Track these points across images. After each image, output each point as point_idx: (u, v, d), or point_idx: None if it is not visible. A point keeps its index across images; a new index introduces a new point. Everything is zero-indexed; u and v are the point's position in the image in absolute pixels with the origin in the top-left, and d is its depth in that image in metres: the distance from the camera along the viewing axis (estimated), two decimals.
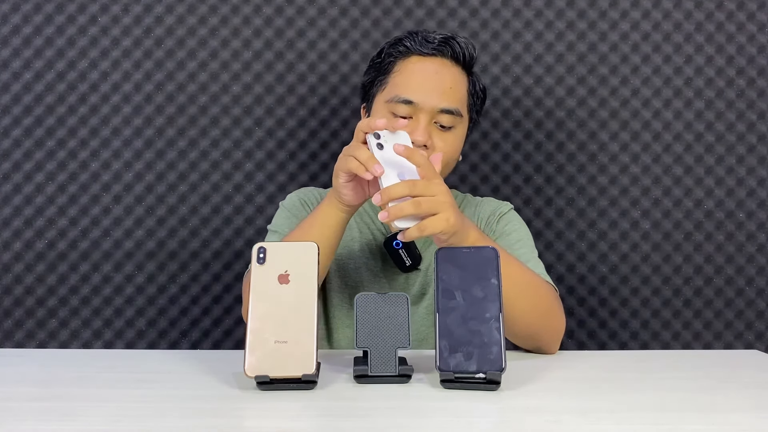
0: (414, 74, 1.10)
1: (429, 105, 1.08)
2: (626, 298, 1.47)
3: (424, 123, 1.08)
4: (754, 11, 1.47)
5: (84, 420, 0.66)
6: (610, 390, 0.79)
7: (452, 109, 1.09)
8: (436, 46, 1.11)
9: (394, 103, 1.09)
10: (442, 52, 1.11)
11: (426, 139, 1.07)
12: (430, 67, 1.10)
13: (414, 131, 1.06)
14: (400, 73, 1.11)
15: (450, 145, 1.10)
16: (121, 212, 1.43)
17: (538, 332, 1.00)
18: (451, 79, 1.11)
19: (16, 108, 1.42)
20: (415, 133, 1.06)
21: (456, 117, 1.10)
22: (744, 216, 1.48)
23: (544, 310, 1.00)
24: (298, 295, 0.78)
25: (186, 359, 0.93)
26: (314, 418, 0.67)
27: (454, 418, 0.67)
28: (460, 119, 1.11)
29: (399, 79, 1.11)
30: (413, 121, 1.08)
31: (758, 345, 1.47)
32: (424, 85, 1.09)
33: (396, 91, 1.09)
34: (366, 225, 1.17)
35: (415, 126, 1.07)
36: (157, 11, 1.43)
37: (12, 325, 1.42)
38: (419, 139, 1.06)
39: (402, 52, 1.12)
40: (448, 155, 1.10)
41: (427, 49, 1.11)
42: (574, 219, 1.47)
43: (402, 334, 0.78)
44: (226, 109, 1.44)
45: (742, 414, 0.70)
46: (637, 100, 1.47)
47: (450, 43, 1.11)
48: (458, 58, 1.12)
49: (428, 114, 1.08)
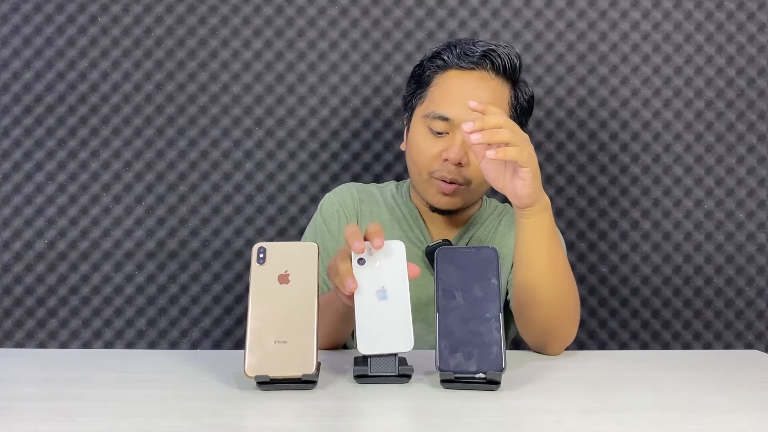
0: (451, 90, 1.08)
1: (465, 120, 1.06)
2: (626, 298, 1.47)
3: (460, 140, 1.06)
4: (754, 11, 1.47)
5: (84, 420, 0.66)
6: (610, 390, 0.79)
7: None
8: (475, 60, 1.08)
9: (431, 118, 1.08)
10: (482, 66, 1.08)
11: (461, 157, 1.06)
12: (468, 82, 1.08)
13: (449, 148, 1.06)
14: (437, 87, 1.10)
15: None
16: (121, 212, 1.43)
17: (553, 328, 0.98)
18: (490, 93, 1.08)
19: (16, 108, 1.42)
20: (450, 150, 1.06)
21: None
22: (744, 216, 1.48)
23: (570, 307, 0.99)
24: (298, 295, 0.78)
25: (186, 359, 0.93)
26: (314, 418, 0.67)
27: (454, 418, 0.67)
28: None
29: (436, 94, 1.09)
30: (449, 137, 1.08)
31: (758, 345, 1.47)
32: (461, 100, 1.05)
33: (433, 107, 1.08)
34: (405, 233, 1.16)
35: (451, 143, 1.07)
36: (157, 11, 1.43)
37: (12, 325, 1.42)
38: (453, 157, 1.05)
39: (440, 66, 1.10)
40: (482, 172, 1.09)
41: (465, 63, 1.08)
42: (574, 219, 1.47)
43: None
44: (226, 109, 1.44)
45: (742, 414, 0.70)
46: (637, 100, 1.47)
47: (490, 56, 1.08)
48: (499, 70, 1.09)
49: None
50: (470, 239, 1.17)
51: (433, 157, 1.08)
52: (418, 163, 1.11)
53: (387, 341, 0.77)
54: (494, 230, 1.18)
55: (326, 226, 1.16)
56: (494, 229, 1.18)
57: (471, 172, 1.08)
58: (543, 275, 0.95)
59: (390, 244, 0.81)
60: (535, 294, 0.95)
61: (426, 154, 1.09)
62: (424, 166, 1.10)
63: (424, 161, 1.09)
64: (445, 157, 1.07)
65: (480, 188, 1.12)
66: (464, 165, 1.07)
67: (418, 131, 1.11)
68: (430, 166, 1.09)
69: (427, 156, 1.09)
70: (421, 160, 1.10)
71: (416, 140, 1.11)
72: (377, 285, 0.80)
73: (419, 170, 1.11)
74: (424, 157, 1.09)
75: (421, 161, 1.10)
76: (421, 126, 1.10)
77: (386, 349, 0.77)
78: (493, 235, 1.18)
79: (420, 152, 1.10)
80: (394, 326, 0.78)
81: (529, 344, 1.03)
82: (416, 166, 1.11)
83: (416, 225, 1.17)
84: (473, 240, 1.17)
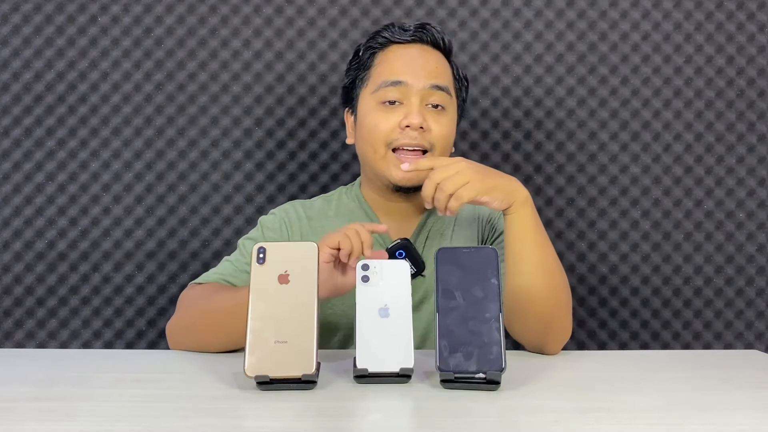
0: (398, 58, 1.10)
1: (419, 83, 1.07)
2: (626, 298, 1.47)
3: (417, 104, 1.06)
4: (754, 11, 1.47)
5: (84, 420, 0.66)
6: (610, 390, 0.79)
7: (442, 86, 1.08)
8: (414, 33, 1.11)
9: (383, 89, 1.07)
10: (420, 39, 1.11)
11: (421, 121, 1.05)
12: (412, 51, 1.10)
13: (408, 114, 1.05)
14: (381, 63, 1.10)
15: (445, 127, 1.09)
16: (121, 212, 1.43)
17: (550, 322, 0.98)
18: (436, 59, 1.11)
19: (16, 108, 1.42)
20: (410, 116, 1.05)
21: (447, 96, 1.09)
22: (744, 216, 1.48)
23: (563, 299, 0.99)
24: (298, 295, 0.78)
25: (186, 359, 0.93)
26: (314, 418, 0.67)
27: (454, 418, 0.67)
28: (450, 100, 1.10)
29: (383, 68, 1.10)
30: (405, 106, 1.07)
31: (758, 345, 1.47)
32: (411, 65, 1.08)
33: (383, 78, 1.08)
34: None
35: (408, 109, 1.06)
36: (157, 11, 1.43)
37: (12, 325, 1.42)
38: (414, 121, 1.05)
39: (381, 44, 1.12)
40: (444, 138, 1.09)
41: (405, 37, 1.11)
42: (574, 219, 1.47)
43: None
44: (226, 109, 1.44)
45: (742, 414, 0.70)
46: (637, 100, 1.47)
47: (427, 28, 1.11)
48: (437, 43, 1.12)
49: (419, 94, 1.07)
50: (428, 233, 1.14)
51: (390, 128, 1.07)
52: (374, 139, 1.08)
53: (387, 359, 0.77)
54: (454, 222, 1.16)
55: (263, 235, 1.14)
56: (453, 224, 1.16)
57: (434, 136, 1.07)
58: (534, 266, 0.96)
59: (395, 265, 0.82)
60: (530, 288, 0.96)
61: (381, 127, 1.07)
62: (380, 139, 1.07)
63: (381, 134, 1.07)
64: (405, 124, 1.06)
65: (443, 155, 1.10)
66: (426, 129, 1.06)
67: (369, 109, 1.09)
68: (387, 137, 1.07)
69: (383, 128, 1.07)
70: (377, 133, 1.07)
71: (369, 118, 1.09)
72: (379, 303, 0.80)
73: (375, 147, 1.08)
74: (380, 130, 1.07)
75: (377, 135, 1.07)
76: (371, 103, 1.09)
77: (386, 366, 0.77)
78: (453, 227, 1.16)
79: (375, 126, 1.08)
80: (395, 344, 0.78)
81: (526, 346, 1.03)
82: (371, 145, 1.09)
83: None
84: (432, 234, 1.14)
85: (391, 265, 0.82)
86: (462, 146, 1.46)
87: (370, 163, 1.11)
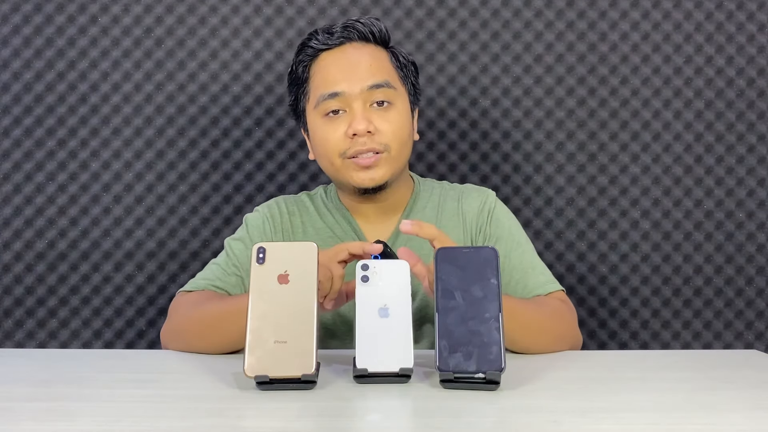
0: (329, 67, 1.07)
1: (356, 88, 1.04)
2: (626, 298, 1.47)
3: (360, 109, 1.04)
4: (754, 11, 1.47)
5: (84, 420, 0.66)
6: (610, 390, 0.79)
7: (380, 83, 1.05)
8: (341, 34, 1.08)
9: (322, 103, 1.05)
10: (348, 38, 1.08)
11: (366, 125, 1.03)
12: (341, 55, 1.08)
13: (352, 122, 1.04)
14: (316, 74, 1.08)
15: (394, 123, 1.06)
16: (121, 212, 1.43)
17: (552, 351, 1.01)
18: (369, 56, 1.08)
19: (16, 108, 1.42)
20: (354, 123, 1.03)
21: (389, 90, 1.06)
22: (744, 216, 1.48)
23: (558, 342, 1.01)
24: (298, 295, 0.78)
25: (186, 359, 0.93)
26: (314, 418, 0.67)
27: (454, 418, 0.67)
28: (395, 92, 1.08)
29: (318, 80, 1.07)
30: (347, 115, 1.05)
31: (758, 345, 1.47)
32: (343, 71, 1.05)
33: (319, 91, 1.06)
34: (339, 239, 1.13)
35: (352, 116, 1.04)
36: (157, 11, 1.43)
37: (12, 325, 1.42)
38: (360, 127, 1.03)
39: (310, 55, 1.09)
40: (396, 134, 1.06)
41: (333, 41, 1.08)
42: (574, 219, 1.47)
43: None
44: (226, 109, 1.44)
45: (742, 414, 0.70)
46: (637, 100, 1.47)
47: (353, 26, 1.08)
48: (366, 37, 1.09)
49: (359, 98, 1.04)
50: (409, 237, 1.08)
51: (339, 138, 1.05)
52: (327, 152, 1.06)
53: (387, 359, 0.77)
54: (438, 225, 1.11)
55: (249, 236, 1.13)
56: (436, 223, 1.13)
57: (385, 137, 1.05)
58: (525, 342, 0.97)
59: (394, 264, 0.82)
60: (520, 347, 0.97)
61: (331, 139, 1.05)
62: (333, 150, 1.05)
63: (332, 146, 1.05)
64: (352, 132, 1.04)
65: (402, 152, 1.08)
66: (374, 132, 1.04)
67: (316, 125, 1.08)
68: (339, 148, 1.05)
69: (333, 140, 1.05)
70: (329, 146, 1.06)
71: (318, 133, 1.07)
72: (379, 303, 0.80)
73: (330, 159, 1.06)
74: (330, 143, 1.05)
75: (329, 148, 1.06)
76: (316, 118, 1.07)
77: (386, 366, 0.77)
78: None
79: (325, 140, 1.06)
80: (395, 344, 0.78)
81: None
82: (326, 157, 1.07)
83: (350, 227, 1.13)
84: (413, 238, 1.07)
85: (391, 265, 0.82)
86: (462, 146, 1.46)
87: (331, 174, 1.10)
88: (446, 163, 1.46)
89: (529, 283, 1.09)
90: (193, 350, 0.98)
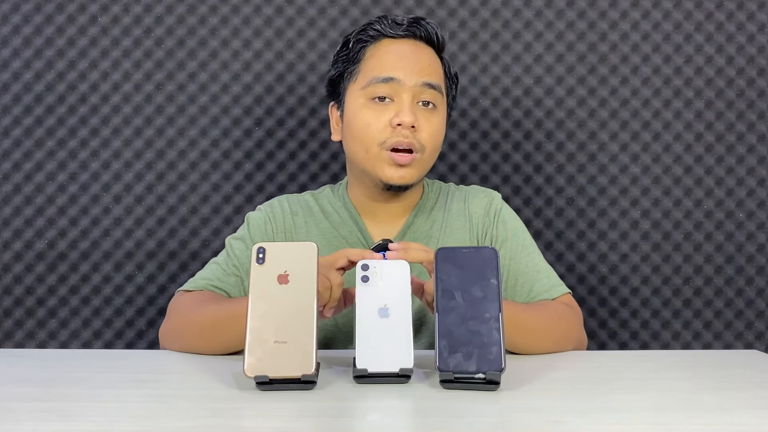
0: (390, 54, 1.07)
1: (411, 81, 1.04)
2: (626, 298, 1.47)
3: (408, 102, 1.04)
4: (754, 11, 1.47)
5: (84, 420, 0.66)
6: (610, 390, 0.79)
7: (434, 84, 1.06)
8: (407, 27, 1.08)
9: (374, 85, 1.05)
10: (414, 34, 1.09)
11: (413, 120, 1.03)
12: (404, 47, 1.08)
13: (399, 112, 1.03)
14: (372, 57, 1.07)
15: (435, 126, 1.07)
16: (121, 212, 1.43)
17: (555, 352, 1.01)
18: (428, 56, 1.08)
19: (16, 108, 1.42)
20: (402, 114, 1.03)
21: (438, 94, 1.07)
22: (744, 216, 1.48)
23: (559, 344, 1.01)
24: (298, 295, 0.78)
25: (186, 359, 0.93)
26: (314, 418, 0.67)
27: (454, 418, 0.67)
28: (442, 98, 1.09)
29: (374, 63, 1.07)
30: (396, 103, 1.05)
31: (758, 345, 1.47)
32: (403, 61, 1.05)
33: (374, 73, 1.05)
34: (344, 238, 1.13)
35: (400, 107, 1.04)
36: (157, 11, 1.43)
37: (12, 325, 1.42)
38: (406, 119, 1.02)
39: (373, 37, 1.09)
40: (434, 138, 1.07)
41: (398, 31, 1.08)
42: (574, 219, 1.47)
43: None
44: (226, 109, 1.44)
45: (742, 414, 0.70)
46: (637, 100, 1.47)
47: (420, 23, 1.09)
48: (431, 39, 1.10)
49: (410, 91, 1.04)
50: (414, 236, 1.12)
51: (382, 126, 1.04)
52: (366, 138, 1.05)
53: (387, 359, 0.77)
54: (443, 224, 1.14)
55: (250, 235, 1.13)
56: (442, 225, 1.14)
57: (425, 137, 1.05)
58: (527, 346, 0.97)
59: (395, 265, 0.82)
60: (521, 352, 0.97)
61: (373, 126, 1.04)
62: (373, 138, 1.04)
63: (373, 133, 1.04)
64: (397, 122, 1.03)
65: (432, 157, 1.09)
66: (417, 129, 1.04)
67: (359, 106, 1.06)
68: (380, 137, 1.04)
69: (375, 127, 1.04)
70: (369, 132, 1.04)
71: (359, 115, 1.06)
72: (379, 303, 0.80)
73: (367, 146, 1.05)
74: (372, 129, 1.04)
75: (369, 134, 1.04)
76: (361, 99, 1.06)
77: (386, 366, 0.77)
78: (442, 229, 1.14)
79: (366, 124, 1.05)
80: (395, 344, 0.78)
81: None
82: (362, 143, 1.06)
83: (356, 227, 1.13)
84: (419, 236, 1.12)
85: (391, 265, 0.82)
86: (462, 146, 1.46)
87: (360, 161, 1.08)
88: (446, 163, 1.46)
89: (535, 287, 1.09)
90: (192, 351, 0.98)
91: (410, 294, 0.81)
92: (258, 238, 1.12)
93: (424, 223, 1.14)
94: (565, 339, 1.02)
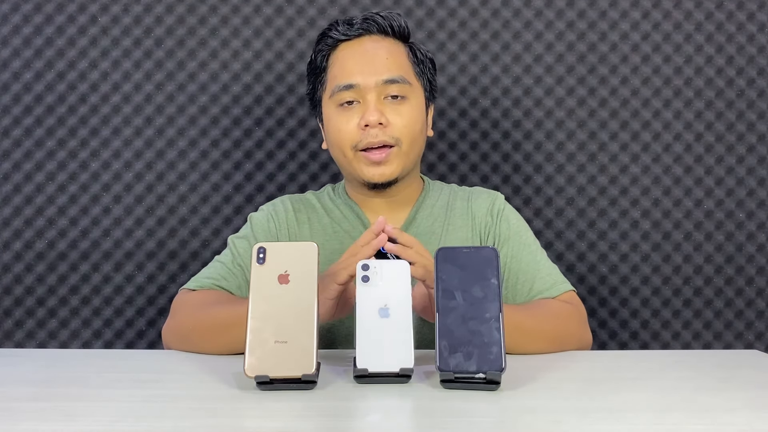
0: (347, 59, 1.09)
1: (371, 82, 1.06)
2: (626, 298, 1.47)
3: (374, 101, 1.06)
4: (754, 11, 1.47)
5: (84, 420, 0.66)
6: (610, 390, 0.79)
7: (395, 78, 1.07)
8: (360, 26, 1.10)
9: (338, 93, 1.07)
10: (368, 30, 1.10)
11: (378, 117, 1.05)
12: (359, 47, 1.09)
13: (365, 113, 1.05)
14: (333, 65, 1.10)
15: (406, 117, 1.07)
16: (121, 212, 1.43)
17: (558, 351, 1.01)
18: (386, 50, 1.09)
19: (16, 108, 1.42)
20: (366, 114, 1.05)
21: (404, 85, 1.08)
22: (744, 216, 1.48)
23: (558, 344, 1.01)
24: (298, 295, 0.78)
25: (186, 359, 0.93)
26: (314, 418, 0.67)
27: (454, 418, 0.67)
28: (410, 87, 1.09)
29: (336, 70, 1.09)
30: (361, 105, 1.07)
31: (758, 345, 1.47)
32: (360, 63, 1.07)
33: (336, 81, 1.08)
34: (347, 233, 1.13)
35: (365, 107, 1.06)
36: (157, 11, 1.43)
37: (12, 325, 1.42)
38: (372, 118, 1.04)
39: (330, 45, 1.11)
40: (408, 128, 1.07)
41: (353, 32, 1.10)
42: (574, 219, 1.47)
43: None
44: (226, 109, 1.44)
45: (742, 414, 0.70)
46: (637, 100, 1.47)
47: (373, 18, 1.10)
48: (386, 30, 1.10)
49: (373, 91, 1.06)
50: (417, 230, 1.12)
51: (352, 129, 1.07)
52: (340, 143, 1.08)
53: (387, 359, 0.77)
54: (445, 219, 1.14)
55: (253, 233, 1.13)
56: (444, 222, 1.14)
57: (396, 130, 1.06)
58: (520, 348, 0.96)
59: (395, 265, 0.82)
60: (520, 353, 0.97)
61: (344, 130, 1.07)
62: (346, 142, 1.07)
63: (345, 137, 1.07)
64: (365, 123, 1.05)
65: (412, 147, 1.09)
66: (386, 124, 1.06)
67: (330, 114, 1.10)
68: (352, 140, 1.07)
69: (346, 130, 1.07)
70: (342, 137, 1.08)
71: (332, 123, 1.09)
72: (380, 303, 0.80)
73: (343, 150, 1.08)
74: (343, 134, 1.07)
75: (341, 138, 1.08)
76: (331, 108, 1.09)
77: (386, 366, 0.77)
78: (444, 224, 1.14)
79: (338, 130, 1.08)
80: (395, 344, 0.78)
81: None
82: (339, 148, 1.09)
83: (359, 222, 1.14)
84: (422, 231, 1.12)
85: (391, 265, 0.82)
86: (462, 146, 1.46)
87: (343, 166, 1.12)
88: (446, 163, 1.46)
89: (535, 285, 1.10)
90: (197, 351, 0.98)
91: (410, 294, 0.81)
92: (261, 235, 1.12)
93: (426, 219, 1.15)
94: (563, 338, 1.02)
